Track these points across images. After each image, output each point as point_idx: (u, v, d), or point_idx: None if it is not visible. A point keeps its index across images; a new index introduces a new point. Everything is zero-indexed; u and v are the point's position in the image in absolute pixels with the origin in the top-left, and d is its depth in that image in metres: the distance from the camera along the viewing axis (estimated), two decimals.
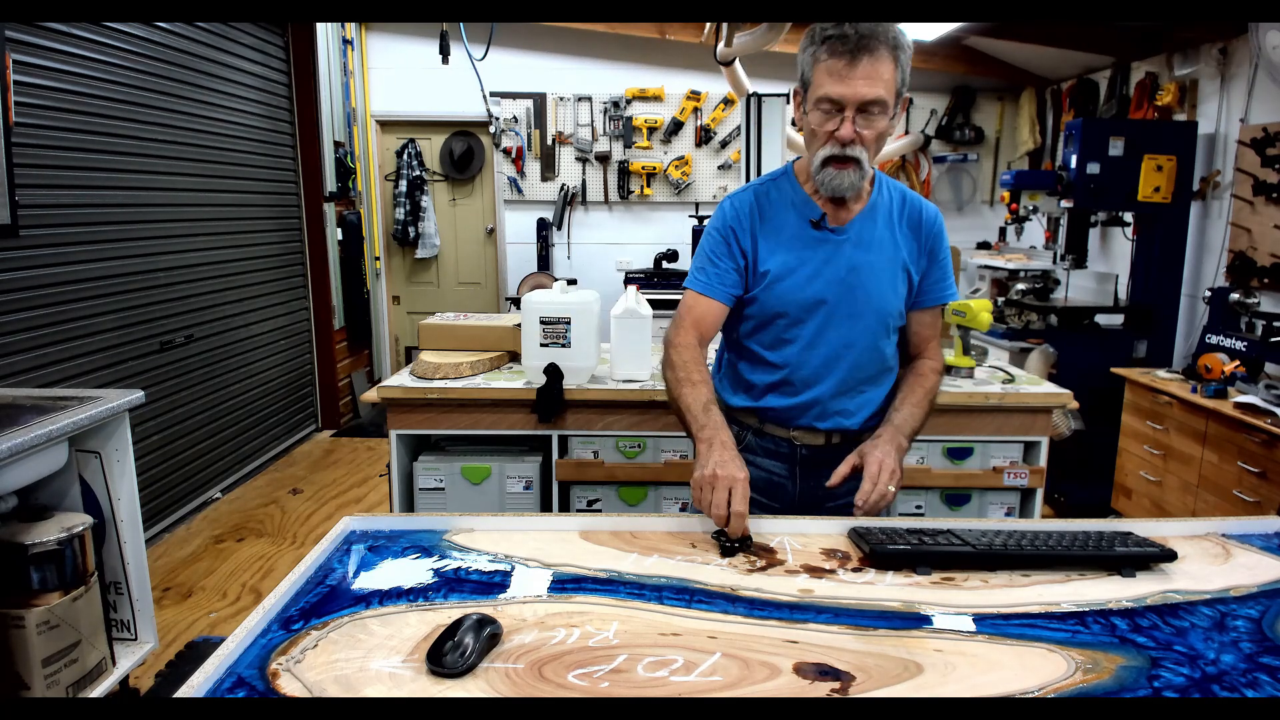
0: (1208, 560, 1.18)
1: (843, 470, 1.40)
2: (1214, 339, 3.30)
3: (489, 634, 0.92)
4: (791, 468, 1.56)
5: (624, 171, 5.80)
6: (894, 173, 5.93)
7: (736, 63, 4.48)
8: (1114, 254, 4.70)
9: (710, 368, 1.52)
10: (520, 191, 5.87)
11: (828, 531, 1.28)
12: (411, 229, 5.96)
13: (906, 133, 5.86)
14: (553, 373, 2.30)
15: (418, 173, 5.92)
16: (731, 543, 1.21)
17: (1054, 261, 4.52)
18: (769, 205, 1.52)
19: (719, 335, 1.62)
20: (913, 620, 1.00)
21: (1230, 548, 1.23)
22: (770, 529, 1.28)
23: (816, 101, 1.38)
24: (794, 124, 1.50)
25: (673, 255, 5.34)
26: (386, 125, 5.98)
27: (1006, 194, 4.25)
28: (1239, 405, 2.96)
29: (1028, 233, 5.28)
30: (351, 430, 5.35)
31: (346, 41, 5.47)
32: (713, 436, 1.32)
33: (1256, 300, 3.32)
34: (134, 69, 3.46)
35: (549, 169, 5.84)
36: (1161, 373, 3.52)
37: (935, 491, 2.43)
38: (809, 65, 1.40)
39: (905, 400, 1.53)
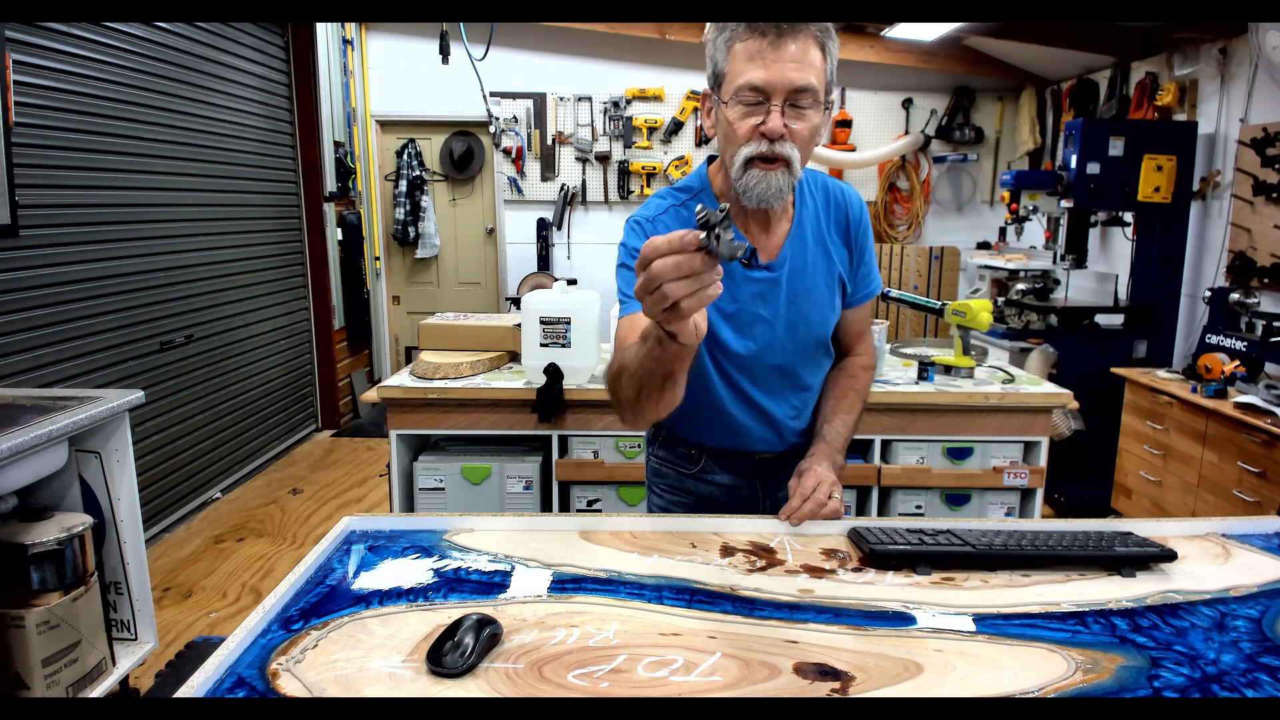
0: (1208, 560, 1.18)
1: (791, 491, 1.33)
2: (1214, 339, 3.30)
3: (489, 634, 0.92)
4: (751, 480, 1.48)
5: (624, 171, 5.80)
6: (894, 173, 5.93)
7: None
8: (1114, 254, 4.70)
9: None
10: (520, 191, 5.87)
11: (828, 531, 1.28)
12: (411, 229, 5.96)
13: (907, 133, 5.86)
14: (553, 373, 2.30)
15: (418, 173, 5.92)
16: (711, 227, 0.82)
17: (1054, 261, 4.52)
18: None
19: None
20: (912, 620, 1.00)
21: (1230, 548, 1.23)
22: (770, 529, 1.28)
23: (736, 92, 1.19)
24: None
25: None
26: (386, 125, 5.98)
27: (1006, 194, 4.25)
28: (1239, 405, 2.96)
29: (1028, 233, 5.28)
30: (351, 430, 5.35)
31: (346, 41, 5.47)
32: None
33: (1256, 300, 3.32)
34: (134, 69, 3.46)
35: (549, 169, 5.84)
36: (1161, 373, 3.52)
37: (935, 491, 2.43)
38: (722, 53, 1.21)
39: (836, 410, 1.44)
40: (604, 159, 5.80)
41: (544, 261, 5.93)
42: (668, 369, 1.01)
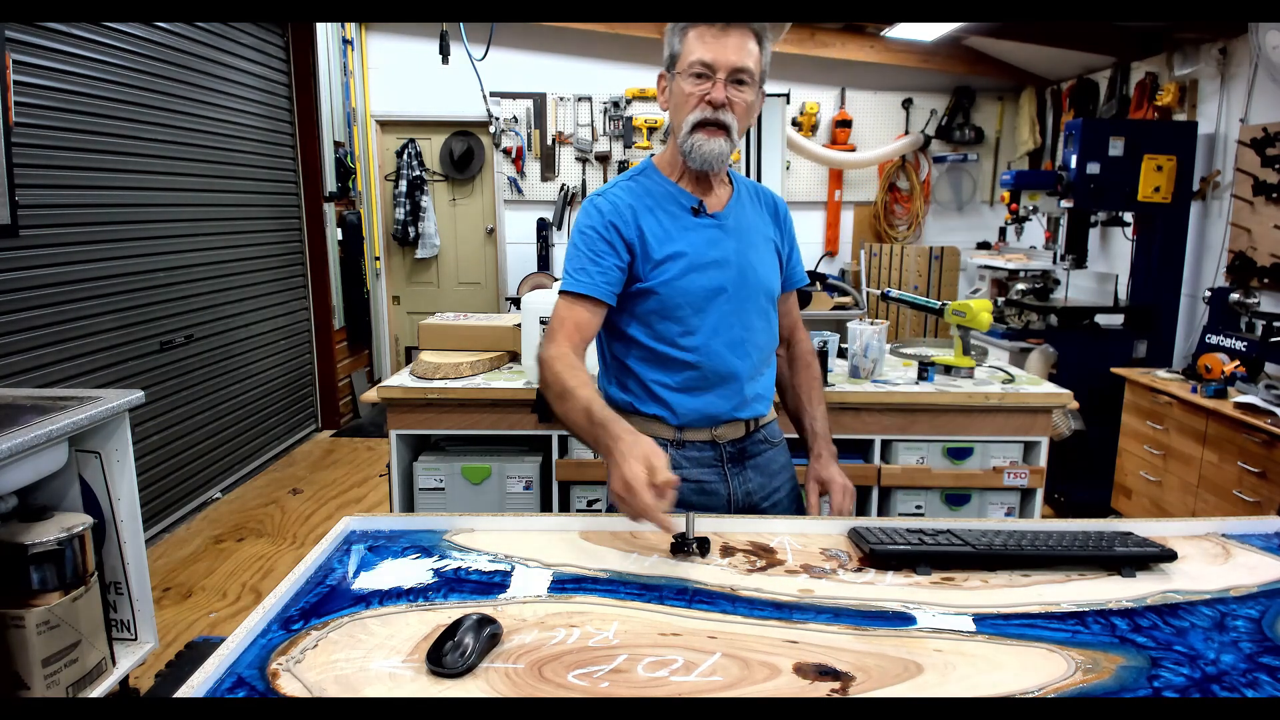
0: (1208, 560, 1.18)
1: (814, 500, 1.53)
2: (1214, 339, 3.30)
3: (489, 634, 0.92)
4: (720, 469, 1.52)
5: (624, 171, 5.79)
6: (894, 173, 5.93)
7: None
8: (1114, 254, 4.70)
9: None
10: (520, 191, 5.87)
11: (828, 531, 1.28)
12: (411, 229, 5.96)
13: (907, 133, 5.86)
14: None
15: (418, 173, 5.92)
16: (686, 541, 1.18)
17: (1054, 261, 4.52)
18: (645, 197, 1.48)
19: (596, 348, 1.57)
20: (912, 620, 1.00)
21: (1230, 548, 1.23)
22: (770, 529, 1.28)
23: (689, 66, 1.38)
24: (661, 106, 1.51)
25: None
26: (386, 125, 5.98)
27: (1006, 194, 4.25)
28: (1239, 405, 2.96)
29: (1028, 233, 5.28)
30: (351, 430, 5.35)
31: (346, 41, 5.47)
32: (623, 431, 1.21)
33: (1256, 300, 3.32)
34: (134, 69, 3.46)
35: (549, 169, 5.84)
36: (1161, 373, 3.52)
37: (935, 491, 2.43)
38: (678, 38, 1.41)
39: (813, 402, 1.63)
40: (604, 159, 5.80)
41: (544, 261, 5.94)
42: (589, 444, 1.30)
